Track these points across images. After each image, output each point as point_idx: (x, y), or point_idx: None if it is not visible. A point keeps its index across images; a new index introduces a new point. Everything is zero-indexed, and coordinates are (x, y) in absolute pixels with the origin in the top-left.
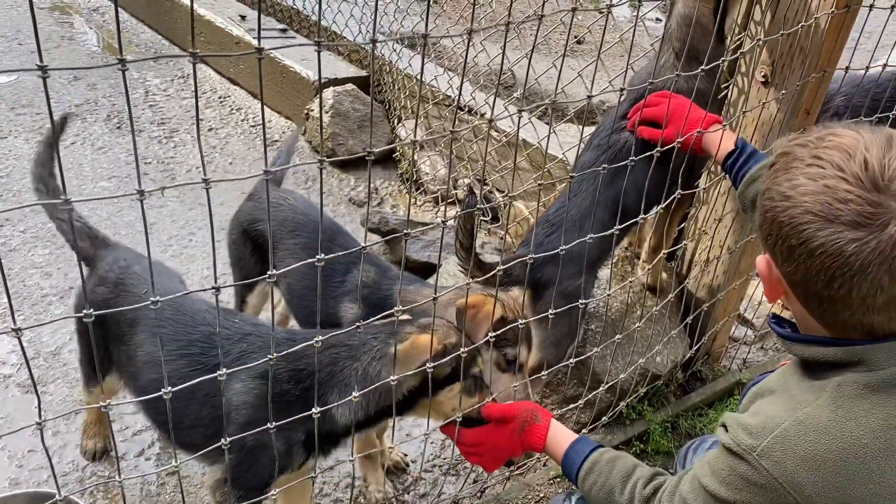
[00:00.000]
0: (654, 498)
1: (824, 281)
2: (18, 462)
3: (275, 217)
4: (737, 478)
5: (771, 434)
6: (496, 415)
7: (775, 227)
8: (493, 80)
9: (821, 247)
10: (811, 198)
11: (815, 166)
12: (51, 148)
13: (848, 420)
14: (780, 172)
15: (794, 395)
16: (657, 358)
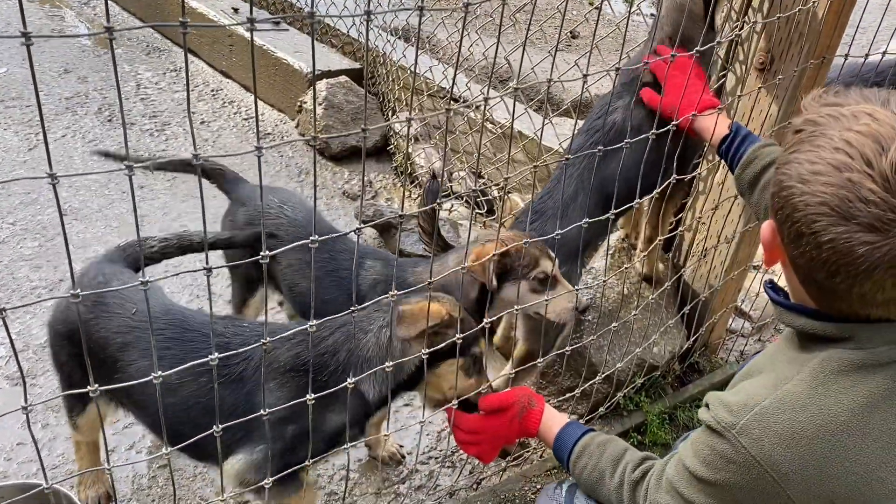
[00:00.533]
0: (642, 481)
1: (827, 273)
2: (7, 455)
3: (278, 216)
4: (717, 457)
5: (751, 411)
6: (494, 405)
7: (788, 208)
8: (487, 71)
9: (831, 241)
10: (831, 189)
11: (843, 153)
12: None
13: (827, 396)
14: (804, 146)
15: (777, 371)
16: (654, 349)
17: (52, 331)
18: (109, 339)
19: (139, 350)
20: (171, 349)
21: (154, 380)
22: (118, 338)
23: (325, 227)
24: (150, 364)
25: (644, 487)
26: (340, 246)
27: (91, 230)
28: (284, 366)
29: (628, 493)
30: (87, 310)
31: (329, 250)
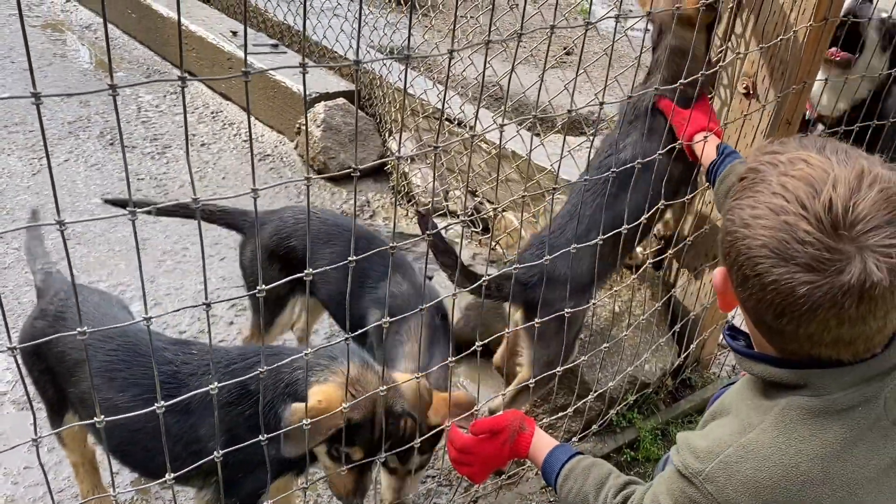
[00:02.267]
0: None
1: (773, 314)
2: (14, 479)
3: (304, 230)
4: (686, 499)
5: (716, 459)
6: (486, 428)
7: (733, 252)
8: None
9: (773, 283)
10: (769, 232)
11: (780, 196)
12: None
13: (789, 446)
14: (745, 192)
15: (742, 417)
16: (646, 366)
17: (22, 349)
18: (65, 354)
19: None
20: (122, 371)
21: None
22: (73, 353)
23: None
24: (100, 382)
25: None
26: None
27: (94, 254)
28: (225, 398)
29: None
30: (48, 324)
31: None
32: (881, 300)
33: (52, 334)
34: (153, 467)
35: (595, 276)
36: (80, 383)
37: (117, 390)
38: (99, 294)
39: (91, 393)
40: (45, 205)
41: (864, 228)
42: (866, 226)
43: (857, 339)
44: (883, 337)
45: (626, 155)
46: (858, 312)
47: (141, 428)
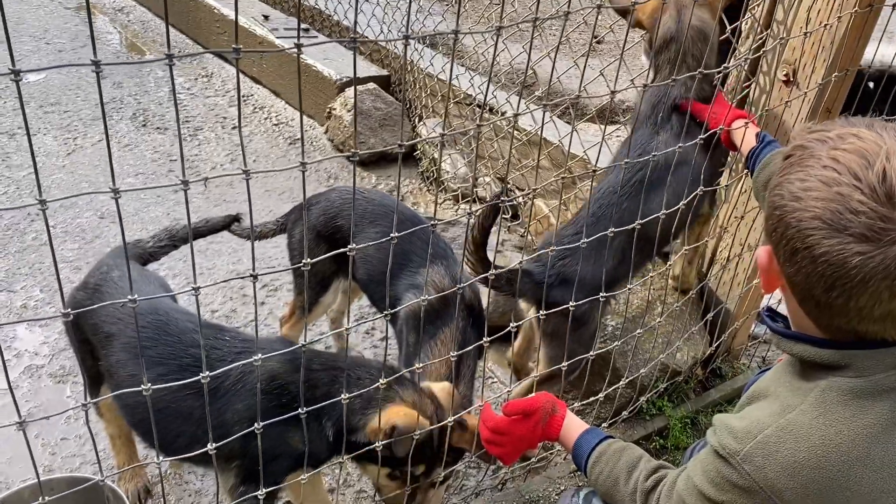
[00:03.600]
0: (654, 491)
1: (823, 288)
2: (52, 450)
3: (350, 210)
4: (723, 480)
5: (754, 439)
6: (519, 409)
7: (781, 226)
8: (513, 79)
9: (824, 255)
10: (822, 204)
11: (831, 169)
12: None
13: (829, 427)
14: (794, 168)
15: (781, 399)
16: (677, 354)
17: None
18: (99, 327)
19: (120, 342)
20: (150, 350)
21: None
22: (105, 327)
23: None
24: (127, 358)
25: (656, 496)
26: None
27: (128, 232)
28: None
29: (641, 501)
30: (87, 296)
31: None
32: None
33: (88, 304)
34: (174, 447)
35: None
36: (110, 356)
37: (145, 367)
38: (140, 271)
39: (117, 368)
40: (78, 183)
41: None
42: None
43: None
44: None
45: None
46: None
47: (165, 407)
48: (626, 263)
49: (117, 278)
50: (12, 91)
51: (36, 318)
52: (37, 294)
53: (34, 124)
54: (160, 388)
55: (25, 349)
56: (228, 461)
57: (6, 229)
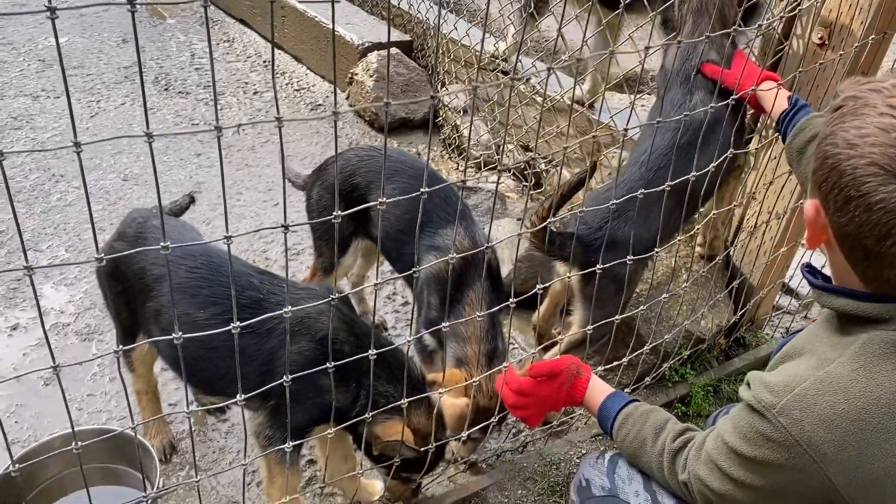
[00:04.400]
0: (682, 452)
1: (877, 237)
2: (78, 405)
3: (370, 167)
4: (756, 434)
5: (791, 392)
6: (544, 371)
7: (834, 175)
8: (539, 47)
9: (881, 202)
10: (880, 150)
11: (889, 116)
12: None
13: (869, 379)
14: (847, 117)
15: (819, 354)
16: (702, 322)
17: (99, 272)
18: (146, 270)
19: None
20: (204, 289)
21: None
22: (154, 269)
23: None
24: (181, 298)
25: (683, 457)
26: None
27: (150, 195)
28: (309, 334)
29: (668, 462)
30: (128, 245)
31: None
32: None
33: (131, 254)
34: (219, 386)
35: (661, 237)
36: (160, 297)
37: (198, 307)
38: (176, 220)
39: (168, 309)
40: (102, 146)
41: None
42: None
43: None
44: None
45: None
46: None
47: (218, 346)
48: (671, 224)
49: (158, 225)
50: (35, 54)
51: (77, 262)
52: (62, 254)
53: (57, 88)
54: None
55: (52, 307)
56: (265, 399)
57: (31, 190)
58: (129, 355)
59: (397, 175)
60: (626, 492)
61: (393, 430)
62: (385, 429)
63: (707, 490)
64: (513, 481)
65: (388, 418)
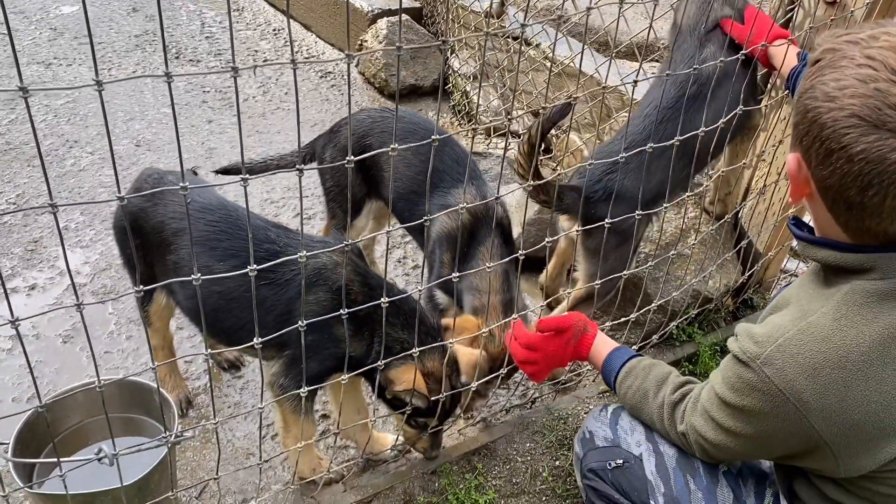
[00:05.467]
0: (680, 403)
1: (859, 187)
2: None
3: (383, 128)
4: (743, 384)
5: (775, 343)
6: (552, 326)
7: (815, 128)
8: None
9: (862, 153)
10: (860, 101)
11: (867, 67)
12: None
13: (850, 328)
14: (826, 70)
15: (803, 305)
16: (709, 282)
17: (116, 229)
18: (165, 224)
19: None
20: (223, 242)
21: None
22: (173, 223)
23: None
24: (200, 251)
25: (682, 409)
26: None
27: (163, 160)
28: (326, 285)
29: (668, 413)
30: (145, 200)
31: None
32: None
33: (149, 209)
34: (238, 337)
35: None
36: (180, 250)
37: (218, 259)
38: (191, 174)
39: (187, 262)
40: (114, 113)
41: None
42: None
43: None
44: None
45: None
46: None
47: (239, 296)
48: (676, 178)
49: (174, 180)
50: (47, 22)
51: (99, 200)
52: (77, 217)
53: (70, 55)
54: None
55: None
56: (281, 349)
57: (46, 155)
58: (147, 309)
59: (410, 136)
60: (629, 442)
61: (406, 376)
62: (399, 374)
63: (702, 440)
64: (521, 434)
65: (402, 363)
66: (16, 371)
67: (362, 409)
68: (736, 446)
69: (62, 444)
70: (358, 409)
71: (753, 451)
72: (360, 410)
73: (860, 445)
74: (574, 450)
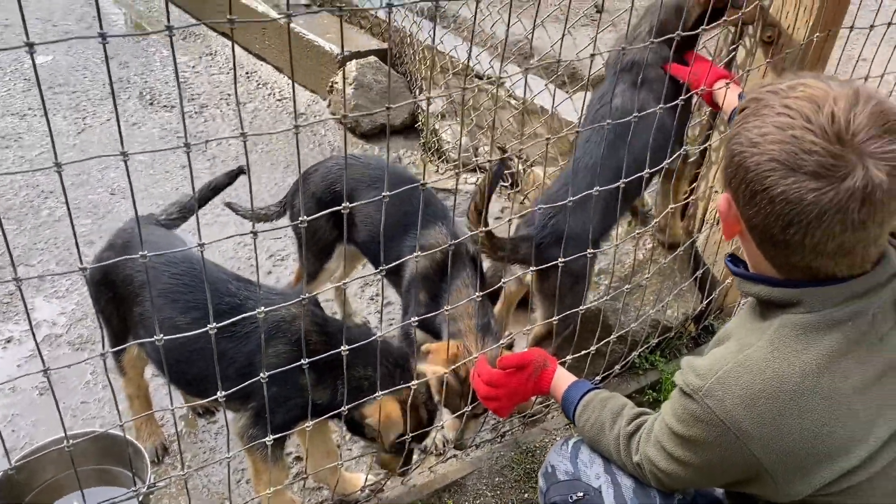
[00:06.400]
0: (635, 435)
1: (781, 226)
2: (73, 413)
3: (350, 175)
4: (688, 415)
5: (715, 375)
6: (513, 363)
7: (741, 172)
8: (511, 49)
9: (782, 194)
10: (778, 146)
11: (785, 115)
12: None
13: (782, 360)
14: (749, 118)
15: (740, 338)
16: (668, 311)
17: (91, 281)
18: (132, 278)
19: (155, 290)
20: (185, 295)
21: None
22: (138, 276)
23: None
24: (164, 303)
25: (637, 440)
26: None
27: (138, 207)
28: (285, 337)
29: (623, 445)
30: (116, 254)
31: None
32: (880, 204)
33: (119, 263)
34: (204, 388)
35: (602, 229)
36: (144, 303)
37: (179, 311)
38: (163, 230)
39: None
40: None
41: (865, 137)
42: (867, 135)
43: (856, 247)
44: (877, 249)
45: (618, 102)
46: (860, 217)
47: (200, 348)
48: (610, 213)
49: (152, 241)
50: (21, 73)
51: (63, 272)
52: (53, 267)
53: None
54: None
55: (44, 319)
56: (246, 401)
57: (21, 206)
58: (120, 360)
59: (378, 182)
60: (588, 475)
61: (377, 409)
62: (372, 409)
63: (656, 469)
64: (491, 469)
65: (372, 399)
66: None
67: (332, 452)
68: (686, 475)
69: (38, 497)
70: (328, 453)
71: (701, 479)
72: (329, 454)
73: (796, 471)
74: (539, 484)
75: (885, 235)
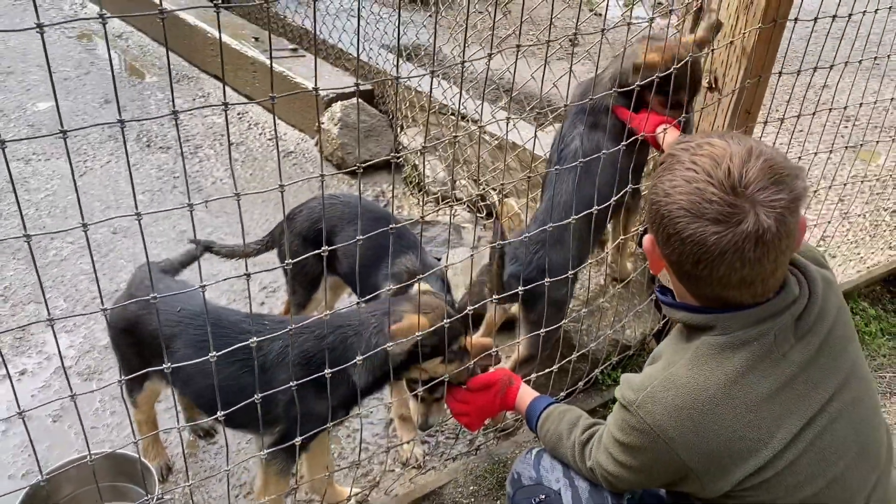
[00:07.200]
0: (588, 443)
1: (692, 262)
2: (83, 438)
3: (331, 213)
4: (626, 424)
5: (645, 390)
6: (481, 383)
7: (658, 218)
8: (489, 85)
9: (690, 237)
10: (685, 197)
11: (692, 170)
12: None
13: (699, 376)
14: (665, 171)
15: (668, 357)
16: (627, 331)
17: (113, 327)
18: (159, 330)
19: (182, 340)
20: (215, 341)
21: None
22: (166, 330)
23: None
24: (192, 352)
25: (589, 447)
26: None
27: (138, 246)
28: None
29: (578, 452)
30: (140, 307)
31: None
32: (771, 245)
33: (144, 316)
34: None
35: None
36: (176, 353)
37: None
38: (170, 278)
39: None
40: (91, 203)
41: (756, 189)
42: (756, 186)
43: (756, 280)
44: (776, 280)
45: (576, 144)
46: (755, 255)
47: (226, 385)
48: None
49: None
50: (24, 119)
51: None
52: (61, 304)
53: (48, 149)
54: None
55: (54, 352)
56: (272, 426)
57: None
58: (135, 396)
59: (356, 219)
60: (549, 479)
61: (407, 324)
62: (399, 329)
63: (605, 472)
64: (466, 479)
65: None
66: (10, 451)
67: (329, 465)
68: (629, 476)
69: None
70: (325, 466)
71: (642, 480)
72: (326, 467)
73: (717, 470)
74: (507, 490)
75: (781, 269)
